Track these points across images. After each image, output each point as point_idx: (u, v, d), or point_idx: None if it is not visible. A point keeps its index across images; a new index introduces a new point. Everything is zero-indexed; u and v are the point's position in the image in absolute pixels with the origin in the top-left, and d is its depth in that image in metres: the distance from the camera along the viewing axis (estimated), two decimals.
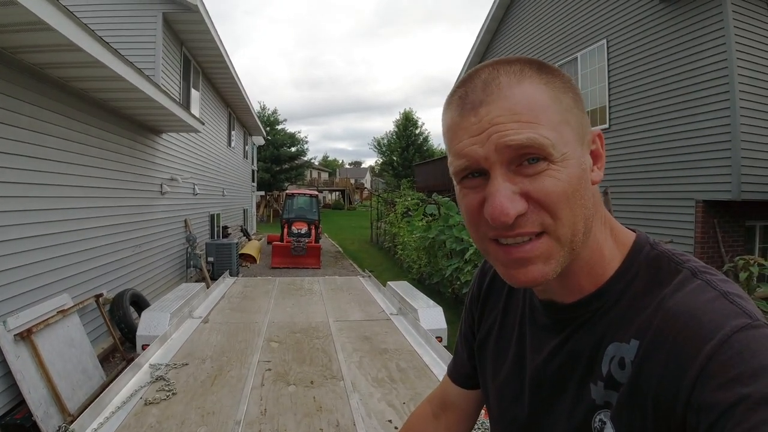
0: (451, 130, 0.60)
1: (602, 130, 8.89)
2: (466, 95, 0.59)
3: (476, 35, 13.64)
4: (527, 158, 0.56)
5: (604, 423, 0.57)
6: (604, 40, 8.91)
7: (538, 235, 0.57)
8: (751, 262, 4.74)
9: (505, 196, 0.55)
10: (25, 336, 4.17)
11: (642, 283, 0.59)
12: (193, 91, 10.64)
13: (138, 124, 7.31)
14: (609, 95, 8.84)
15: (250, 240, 16.35)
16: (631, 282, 0.60)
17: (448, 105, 0.61)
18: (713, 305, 0.51)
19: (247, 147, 20.01)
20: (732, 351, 0.46)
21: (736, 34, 6.48)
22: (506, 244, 0.58)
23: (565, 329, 0.65)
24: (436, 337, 3.48)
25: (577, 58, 9.73)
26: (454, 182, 0.63)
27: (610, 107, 8.83)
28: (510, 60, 0.59)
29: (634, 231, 0.66)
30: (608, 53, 8.85)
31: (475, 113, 0.57)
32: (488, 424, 2.14)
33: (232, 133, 16.11)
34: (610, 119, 8.83)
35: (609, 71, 8.84)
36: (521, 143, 0.55)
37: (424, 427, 1.02)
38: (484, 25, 13.21)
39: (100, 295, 5.90)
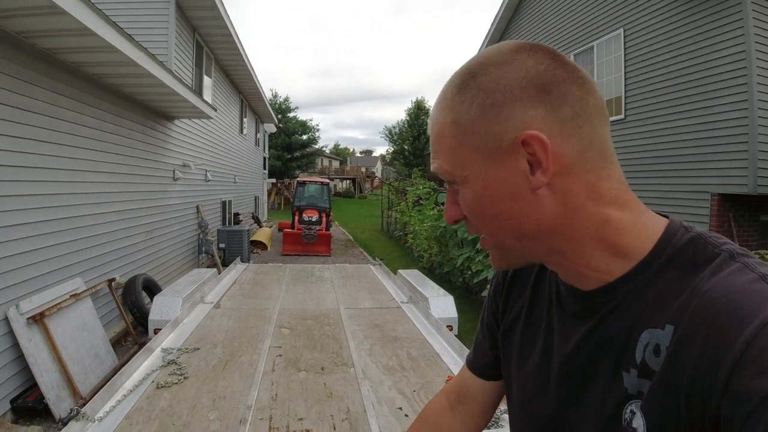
0: None
1: (617, 120, 8.79)
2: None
3: (491, 23, 13.50)
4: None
5: (634, 413, 0.55)
6: (621, 30, 8.77)
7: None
8: (766, 257, 4.67)
9: (447, 204, 0.67)
10: (38, 319, 4.22)
11: (677, 266, 0.56)
12: (205, 77, 10.64)
13: (151, 110, 7.33)
14: (625, 85, 8.71)
15: (261, 227, 16.44)
16: (665, 265, 0.57)
17: None
18: (751, 288, 0.49)
19: (258, 134, 20.03)
20: None
21: (755, 26, 6.34)
22: None
23: (593, 316, 0.62)
24: (447, 326, 3.47)
25: (593, 47, 9.59)
26: None
27: (626, 98, 8.72)
28: (452, 78, 0.63)
29: (666, 216, 0.63)
30: (625, 43, 8.71)
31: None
32: (498, 414, 2.13)
33: (244, 120, 16.12)
34: (625, 110, 8.71)
35: (625, 61, 8.70)
36: (432, 171, 0.64)
37: (439, 419, 1.00)
38: (499, 12, 13.04)
39: (113, 279, 5.95)
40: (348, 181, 52.30)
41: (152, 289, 6.72)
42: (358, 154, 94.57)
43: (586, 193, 0.58)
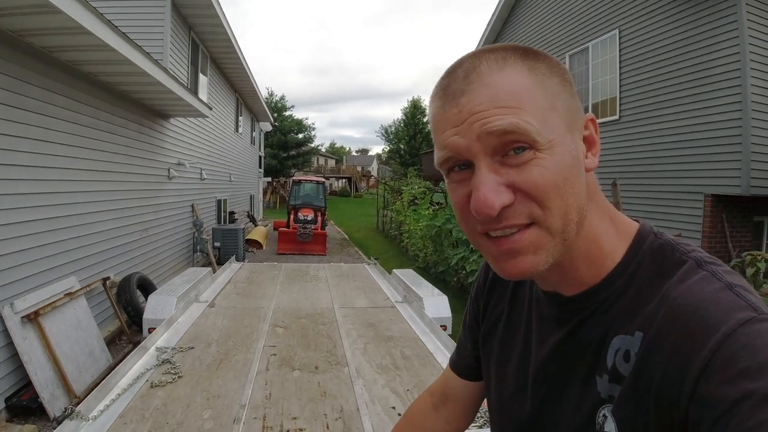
0: (434, 122, 0.59)
1: (612, 121, 8.83)
2: (449, 86, 0.57)
3: (486, 23, 13.51)
4: (512, 147, 0.54)
5: (606, 418, 0.56)
6: (617, 31, 8.80)
7: (527, 225, 0.55)
8: (759, 257, 4.71)
9: (490, 188, 0.54)
10: (32, 318, 4.21)
11: (646, 273, 0.58)
12: (201, 75, 10.62)
13: (146, 108, 7.32)
14: (620, 86, 8.75)
15: (256, 226, 16.40)
16: (636, 273, 0.58)
17: (433, 97, 0.60)
18: (718, 297, 0.50)
19: (254, 133, 20.00)
20: (737, 345, 0.45)
21: (749, 28, 6.38)
22: (495, 237, 0.57)
23: (570, 321, 0.64)
24: (441, 326, 3.48)
25: (588, 47, 9.63)
26: (444, 176, 0.62)
27: (620, 98, 8.75)
28: (493, 48, 0.57)
29: (636, 221, 0.64)
30: (620, 44, 8.74)
31: (456, 103, 0.56)
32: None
33: (240, 118, 16.09)
34: (620, 110, 8.75)
35: (620, 62, 8.74)
36: (504, 129, 0.53)
37: (423, 419, 1.01)
38: (494, 12, 13.06)
39: (107, 278, 5.94)
40: (344, 180, 52.25)
41: (147, 287, 6.71)
42: (354, 153, 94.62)
43: (592, 190, 0.60)
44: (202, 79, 10.78)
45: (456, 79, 0.57)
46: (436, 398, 1.01)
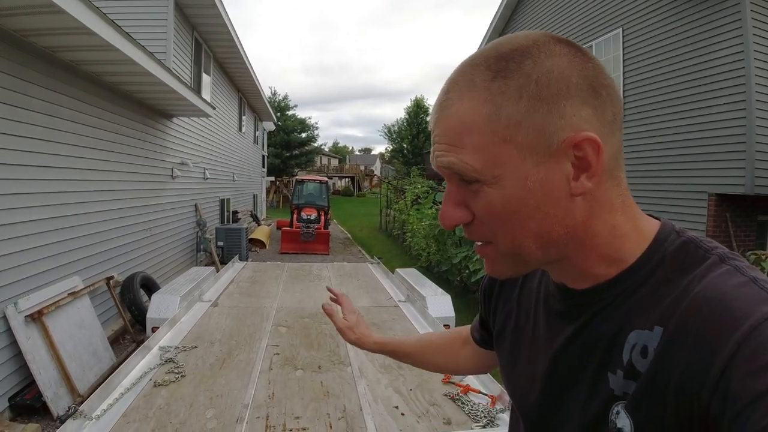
0: None
1: None
2: (434, 107, 0.61)
3: (490, 22, 13.49)
4: (462, 179, 0.58)
5: (620, 414, 0.56)
6: (620, 29, 8.77)
7: (486, 243, 0.61)
8: (763, 257, 4.70)
9: (446, 205, 0.60)
10: (36, 317, 4.22)
11: (667, 270, 0.57)
12: (204, 75, 10.63)
13: (149, 108, 7.33)
14: (623, 85, 8.72)
15: (259, 225, 16.43)
16: (656, 268, 0.57)
17: None
18: (742, 291, 0.50)
19: (257, 132, 20.01)
20: (762, 338, 0.45)
21: (753, 26, 6.34)
22: None
23: (581, 315, 0.63)
24: (444, 325, 3.48)
25: (592, 46, 9.59)
26: None
27: (624, 97, 8.72)
28: (477, 61, 0.57)
29: (658, 219, 0.64)
30: (624, 42, 8.71)
31: (432, 127, 0.60)
32: (494, 413, 2.15)
33: (243, 118, 16.11)
34: (624, 109, 8.70)
35: (624, 61, 8.71)
36: (444, 165, 0.58)
37: (454, 341, 1.14)
38: (497, 11, 13.05)
39: (111, 277, 5.95)
40: (347, 180, 52.26)
41: (150, 287, 6.72)
42: (356, 153, 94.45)
43: (605, 200, 0.59)
44: (206, 79, 10.79)
45: (437, 101, 0.60)
46: (462, 339, 1.12)
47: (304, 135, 38.64)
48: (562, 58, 0.55)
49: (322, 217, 14.52)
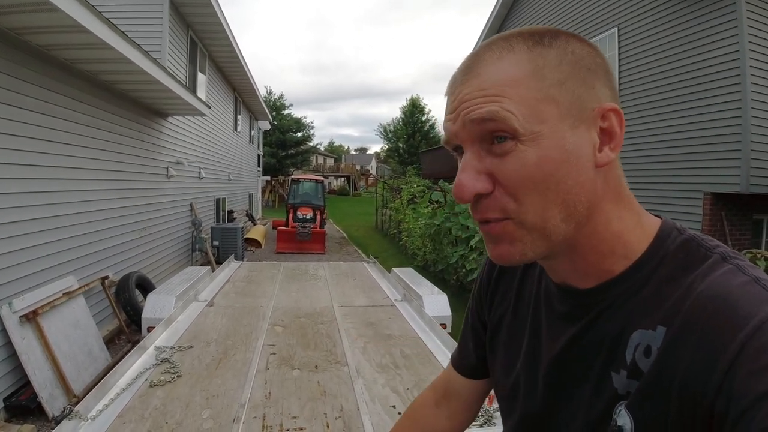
0: (445, 107, 0.62)
1: None
2: (454, 76, 0.60)
3: (486, 21, 13.52)
4: (495, 136, 0.54)
5: (620, 412, 0.55)
6: (616, 28, 8.80)
7: (501, 219, 0.56)
8: (758, 256, 4.72)
9: (467, 174, 0.56)
10: (31, 318, 4.20)
11: (669, 268, 0.57)
12: (199, 74, 10.60)
13: (144, 107, 7.30)
14: (619, 84, 8.74)
15: (255, 225, 16.40)
16: (658, 267, 0.57)
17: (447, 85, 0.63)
18: (746, 290, 0.49)
19: (253, 131, 19.97)
20: (766, 338, 0.44)
21: (748, 26, 6.37)
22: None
23: (584, 316, 0.62)
24: (441, 324, 3.48)
25: None
26: None
27: (619, 97, 8.71)
28: (508, 35, 0.58)
29: (659, 217, 0.63)
30: (619, 42, 8.74)
31: (453, 92, 0.59)
32: (491, 411, 2.14)
33: (238, 117, 16.07)
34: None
35: (619, 60, 8.74)
36: (482, 117, 0.54)
37: (425, 414, 1.01)
38: (493, 10, 13.07)
39: (106, 277, 5.93)
40: (342, 179, 52.22)
41: (145, 287, 6.70)
42: (352, 152, 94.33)
43: (615, 187, 0.59)
44: (201, 78, 10.76)
45: (459, 70, 0.59)
46: (438, 394, 1.00)
47: (299, 134, 38.63)
48: (583, 43, 0.59)
49: (318, 217, 14.51)
